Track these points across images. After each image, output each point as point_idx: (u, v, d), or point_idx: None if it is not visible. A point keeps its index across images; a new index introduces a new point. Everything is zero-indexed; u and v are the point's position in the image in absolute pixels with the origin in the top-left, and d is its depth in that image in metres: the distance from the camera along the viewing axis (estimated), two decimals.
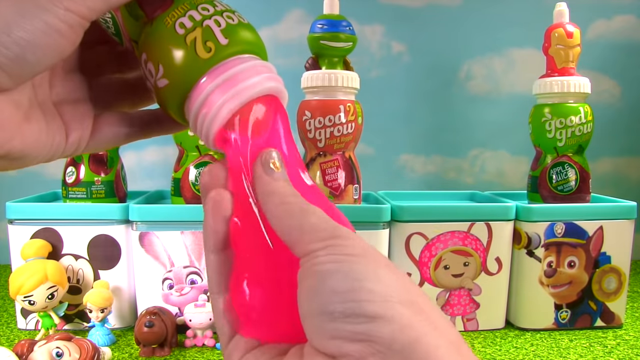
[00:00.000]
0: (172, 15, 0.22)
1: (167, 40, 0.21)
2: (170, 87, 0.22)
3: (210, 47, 0.21)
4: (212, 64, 0.21)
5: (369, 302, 0.17)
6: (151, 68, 0.22)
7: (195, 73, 0.21)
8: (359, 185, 0.63)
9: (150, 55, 0.22)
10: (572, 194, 0.64)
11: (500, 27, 0.90)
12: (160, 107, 0.24)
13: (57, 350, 0.46)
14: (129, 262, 0.61)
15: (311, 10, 0.86)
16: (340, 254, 0.18)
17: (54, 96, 0.23)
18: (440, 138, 0.92)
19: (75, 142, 0.23)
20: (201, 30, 0.21)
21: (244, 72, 0.21)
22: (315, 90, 0.61)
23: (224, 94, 0.21)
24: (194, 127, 0.22)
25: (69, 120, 0.23)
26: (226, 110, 0.21)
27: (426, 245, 0.61)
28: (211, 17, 0.22)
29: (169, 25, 0.22)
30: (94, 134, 0.24)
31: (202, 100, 0.21)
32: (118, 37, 0.25)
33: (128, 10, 0.23)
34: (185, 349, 0.57)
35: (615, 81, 0.93)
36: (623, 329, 0.65)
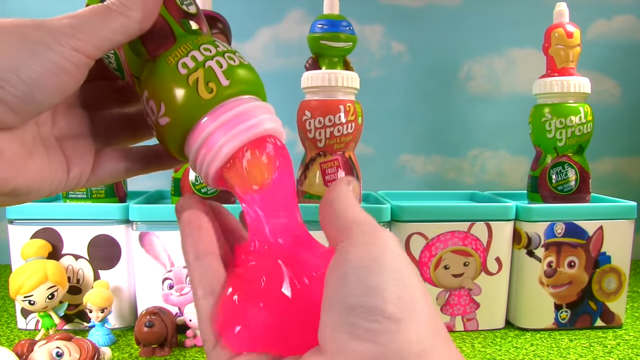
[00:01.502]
0: (174, 55, 0.22)
1: (170, 80, 0.22)
2: (172, 126, 0.22)
3: (212, 87, 0.22)
4: (213, 105, 0.22)
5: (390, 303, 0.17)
6: (153, 106, 0.22)
7: (197, 113, 0.22)
8: (359, 185, 0.63)
9: (152, 93, 0.22)
10: (572, 194, 0.64)
11: (500, 27, 0.90)
12: (160, 144, 0.24)
13: (57, 350, 0.46)
14: (129, 262, 0.61)
15: (311, 10, 0.86)
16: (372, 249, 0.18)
17: (56, 131, 0.23)
18: (440, 138, 0.92)
19: (77, 177, 0.23)
20: (203, 71, 0.22)
21: (244, 114, 0.22)
22: (315, 90, 0.61)
23: (224, 134, 0.22)
24: (194, 166, 0.23)
25: (70, 155, 0.23)
26: (226, 150, 0.22)
27: (426, 245, 0.61)
28: (213, 57, 0.22)
29: (171, 65, 0.22)
30: (95, 169, 0.24)
31: (202, 140, 0.22)
32: (119, 72, 0.25)
33: (130, 47, 0.24)
34: (185, 349, 0.57)
35: (615, 81, 0.93)
36: (623, 329, 0.65)
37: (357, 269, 0.18)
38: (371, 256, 0.18)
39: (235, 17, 0.64)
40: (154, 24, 0.22)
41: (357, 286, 0.17)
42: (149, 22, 0.22)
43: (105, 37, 0.20)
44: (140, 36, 0.22)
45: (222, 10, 0.62)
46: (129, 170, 0.25)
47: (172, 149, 0.23)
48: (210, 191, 0.61)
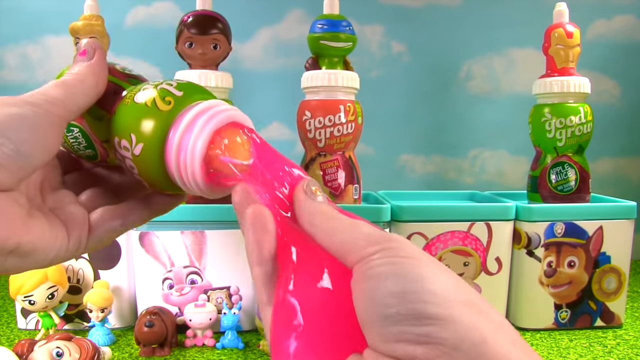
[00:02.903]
0: (128, 97, 0.25)
1: (131, 112, 0.24)
2: (146, 148, 0.23)
3: (169, 100, 0.24)
4: (175, 114, 0.24)
5: (431, 304, 0.17)
6: (125, 144, 0.24)
7: (163, 126, 0.23)
8: (359, 185, 0.64)
9: (121, 133, 0.24)
10: (572, 194, 0.64)
11: (500, 27, 0.90)
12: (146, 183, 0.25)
13: (57, 350, 0.46)
14: (129, 262, 0.61)
15: (311, 10, 0.86)
16: (395, 256, 0.18)
17: (48, 204, 0.25)
18: (440, 138, 0.92)
19: (77, 241, 0.25)
20: (157, 92, 0.24)
21: (205, 111, 0.23)
22: (315, 90, 0.61)
23: (191, 132, 0.23)
24: (180, 176, 0.24)
25: (66, 221, 0.25)
26: (199, 145, 0.23)
27: (426, 245, 0.61)
28: (162, 83, 0.25)
29: (129, 103, 0.24)
30: (92, 231, 0.26)
31: (176, 148, 0.23)
32: (91, 149, 0.27)
33: (92, 116, 0.26)
34: (185, 349, 0.57)
35: (615, 81, 0.92)
36: (623, 328, 0.65)
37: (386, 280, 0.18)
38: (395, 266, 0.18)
39: (235, 17, 0.64)
40: (106, 89, 0.25)
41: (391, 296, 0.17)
42: (102, 85, 0.25)
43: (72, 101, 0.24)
44: (97, 103, 0.25)
45: (222, 10, 0.62)
46: (124, 225, 0.27)
47: (156, 177, 0.24)
48: None
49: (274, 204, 0.22)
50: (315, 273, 0.21)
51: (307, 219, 0.21)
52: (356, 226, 0.20)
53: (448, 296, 0.17)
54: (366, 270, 0.18)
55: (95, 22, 0.62)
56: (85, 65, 0.25)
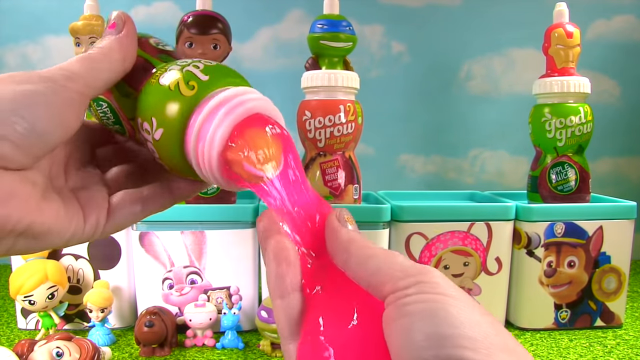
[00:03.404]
0: (154, 77, 0.23)
1: (155, 94, 0.23)
2: (166, 133, 0.22)
3: (193, 85, 0.22)
4: (198, 100, 0.22)
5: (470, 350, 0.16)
6: (147, 126, 0.23)
7: (184, 112, 0.22)
8: (359, 185, 0.64)
9: (143, 115, 0.23)
10: (572, 194, 0.64)
11: (500, 27, 0.90)
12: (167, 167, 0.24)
13: (57, 350, 0.46)
14: (129, 262, 0.61)
15: (311, 10, 0.86)
16: (433, 293, 0.17)
17: (70, 184, 0.24)
18: (440, 138, 0.92)
19: (94, 225, 0.24)
20: (182, 74, 0.23)
21: (229, 99, 0.22)
22: (315, 90, 0.61)
23: (212, 121, 0.22)
24: (198, 166, 0.23)
25: (84, 204, 0.24)
26: (220, 135, 0.21)
27: (426, 245, 0.61)
28: (190, 64, 0.23)
29: (153, 84, 0.23)
30: (110, 215, 0.25)
31: (195, 135, 0.22)
32: (119, 125, 0.26)
33: (120, 92, 0.25)
34: (185, 349, 0.57)
35: (615, 81, 0.93)
36: (623, 328, 0.65)
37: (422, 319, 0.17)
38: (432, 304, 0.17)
39: (235, 17, 0.64)
40: (135, 65, 0.24)
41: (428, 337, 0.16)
42: (130, 61, 0.24)
43: (95, 77, 0.22)
44: (125, 80, 0.24)
45: (222, 10, 0.62)
46: (144, 211, 0.26)
47: (176, 162, 0.23)
48: (210, 191, 0.61)
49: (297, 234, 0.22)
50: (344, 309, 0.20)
51: (341, 246, 0.21)
52: (391, 256, 0.19)
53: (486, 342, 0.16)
54: (401, 306, 0.17)
55: (95, 22, 0.62)
56: (113, 39, 0.23)
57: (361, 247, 0.20)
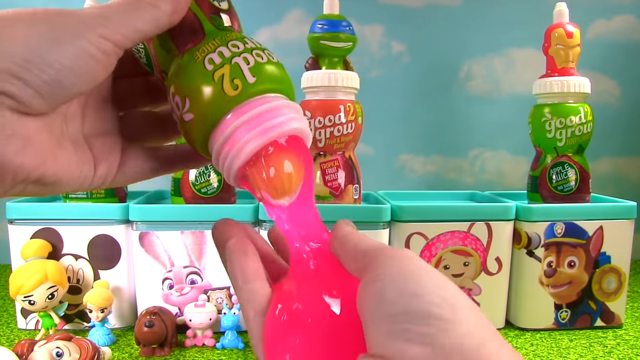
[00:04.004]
0: (202, 51, 0.22)
1: (195, 75, 0.21)
2: (195, 122, 0.22)
3: (237, 84, 0.21)
4: (238, 102, 0.21)
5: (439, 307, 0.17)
6: (178, 101, 0.22)
7: (221, 109, 0.21)
8: (359, 185, 0.63)
9: (178, 88, 0.22)
10: (572, 194, 0.64)
11: (500, 27, 0.90)
12: (185, 140, 0.24)
13: (57, 350, 0.46)
14: (129, 262, 0.61)
15: (311, 10, 0.86)
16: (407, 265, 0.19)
17: (86, 129, 0.23)
18: (440, 138, 0.92)
19: (103, 175, 0.23)
20: (229, 67, 0.21)
21: (268, 112, 0.21)
22: (315, 90, 0.61)
23: (247, 132, 0.21)
24: (216, 163, 0.22)
25: (97, 154, 0.23)
26: (249, 148, 0.21)
27: (426, 245, 0.61)
28: (240, 54, 0.22)
29: (198, 60, 0.22)
30: (121, 168, 0.24)
31: (225, 137, 0.21)
32: (149, 67, 0.25)
33: (160, 42, 0.23)
34: (185, 349, 0.57)
35: (615, 81, 0.93)
36: (623, 329, 0.65)
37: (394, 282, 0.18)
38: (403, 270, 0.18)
39: None
40: (183, 19, 0.22)
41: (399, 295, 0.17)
42: (179, 15, 0.21)
43: (134, 28, 0.20)
44: (169, 31, 0.22)
45: None
46: (155, 170, 0.25)
47: (196, 145, 0.23)
48: (210, 191, 0.61)
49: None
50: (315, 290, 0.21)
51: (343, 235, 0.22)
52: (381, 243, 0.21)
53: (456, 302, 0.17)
54: (377, 275, 0.19)
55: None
56: None
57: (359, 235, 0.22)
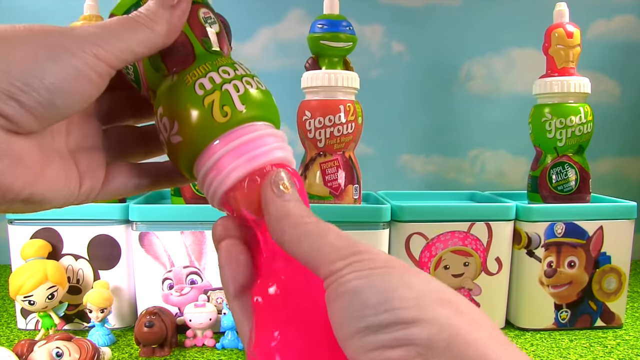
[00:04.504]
0: (192, 74, 0.22)
1: (185, 99, 0.22)
2: (183, 145, 0.22)
3: (226, 111, 0.22)
4: (227, 129, 0.22)
5: (404, 309, 0.17)
6: (166, 123, 0.22)
7: (209, 135, 0.22)
8: (359, 185, 0.63)
9: (167, 110, 0.22)
10: (572, 194, 0.64)
11: (500, 27, 0.90)
12: (170, 161, 0.24)
13: (57, 350, 0.46)
14: (129, 262, 0.61)
15: (311, 10, 0.86)
16: (365, 269, 0.18)
17: (70, 143, 0.23)
18: (440, 138, 0.92)
19: (87, 191, 0.23)
20: (220, 93, 0.22)
21: (256, 141, 0.22)
22: (315, 90, 0.61)
23: (234, 160, 0.21)
24: (201, 186, 0.23)
25: (83, 169, 0.23)
26: (234, 176, 0.22)
27: (426, 245, 0.61)
28: (230, 81, 0.22)
29: (188, 84, 0.22)
30: (105, 184, 0.24)
31: (212, 163, 0.22)
32: (137, 84, 0.25)
33: (150, 61, 0.24)
34: (185, 349, 0.57)
35: (615, 81, 0.92)
36: (623, 329, 0.65)
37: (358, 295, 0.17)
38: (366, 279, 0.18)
39: (235, 17, 0.63)
40: (175, 40, 0.22)
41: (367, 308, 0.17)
42: (173, 37, 0.22)
43: (128, 48, 0.20)
44: (160, 52, 0.22)
45: (222, 10, 0.62)
46: (139, 186, 0.26)
47: (182, 168, 0.23)
48: None
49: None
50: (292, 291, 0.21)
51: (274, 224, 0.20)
52: (324, 233, 0.19)
53: (420, 298, 0.17)
54: (337, 287, 0.18)
55: (95, 22, 0.62)
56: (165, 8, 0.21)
57: (294, 224, 0.20)
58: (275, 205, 0.20)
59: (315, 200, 0.61)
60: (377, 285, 0.17)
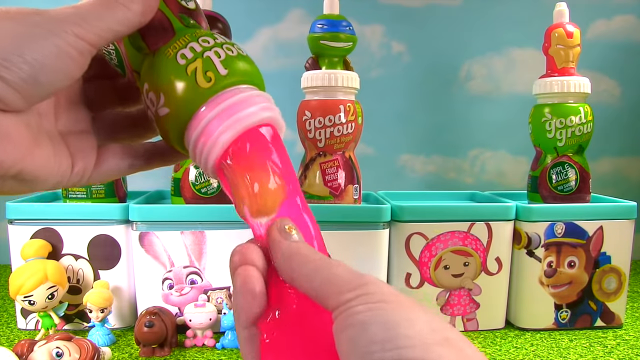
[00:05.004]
0: (173, 47, 0.22)
1: (169, 70, 0.22)
2: (171, 116, 0.22)
3: (210, 77, 0.22)
4: (212, 94, 0.22)
5: (409, 348, 0.17)
6: (152, 97, 0.23)
7: (195, 102, 0.22)
8: (359, 185, 0.63)
9: (152, 84, 0.23)
10: (572, 194, 0.64)
11: (500, 27, 0.90)
12: (161, 137, 0.24)
13: (57, 350, 0.46)
14: (129, 262, 0.61)
15: (311, 10, 0.86)
16: (373, 302, 0.18)
17: (60, 126, 0.24)
18: (440, 138, 0.92)
19: (80, 173, 0.24)
20: (202, 60, 0.22)
21: (242, 102, 0.22)
22: (315, 90, 0.61)
23: (221, 123, 0.22)
24: (193, 156, 0.23)
25: (74, 151, 0.24)
26: (224, 139, 0.22)
27: (426, 245, 0.61)
28: (211, 48, 0.22)
29: (170, 56, 0.22)
30: (98, 165, 0.24)
31: (201, 129, 0.22)
32: (120, 69, 0.26)
33: (131, 42, 0.24)
34: (185, 349, 0.57)
35: (615, 81, 0.93)
36: (623, 329, 0.65)
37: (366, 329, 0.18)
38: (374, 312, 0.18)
39: (235, 17, 0.64)
40: (153, 19, 0.23)
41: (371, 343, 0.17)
42: (149, 15, 0.22)
43: (107, 27, 0.21)
44: (140, 31, 0.23)
45: (222, 10, 0.62)
46: (132, 167, 0.26)
47: (173, 140, 0.24)
48: (210, 191, 0.61)
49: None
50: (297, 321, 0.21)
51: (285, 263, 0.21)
52: (333, 268, 0.20)
53: (424, 339, 0.17)
54: (346, 318, 0.18)
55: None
56: None
57: (304, 262, 0.20)
58: (282, 246, 0.21)
59: (315, 200, 0.61)
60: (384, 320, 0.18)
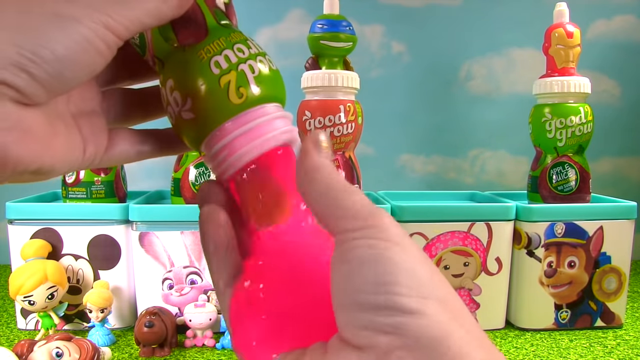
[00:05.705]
0: (207, 50, 0.22)
1: (201, 77, 0.22)
2: (195, 122, 0.22)
3: (242, 93, 0.22)
4: (241, 110, 0.22)
5: (405, 297, 0.17)
6: (177, 97, 0.22)
7: (224, 116, 0.22)
8: (359, 185, 0.63)
9: (179, 85, 0.22)
10: (572, 194, 0.64)
11: (500, 27, 0.90)
12: (174, 132, 0.24)
13: (57, 350, 0.46)
14: (129, 262, 0.61)
15: (311, 10, 0.86)
16: (376, 239, 0.17)
17: (72, 107, 0.23)
18: (440, 138, 0.92)
19: (91, 157, 0.23)
20: (236, 74, 0.22)
21: (267, 124, 0.22)
22: (315, 90, 0.61)
23: (247, 142, 0.22)
24: (209, 161, 0.23)
25: (86, 134, 0.23)
26: (246, 158, 0.22)
27: (426, 245, 0.61)
28: (246, 61, 0.22)
29: (203, 61, 0.22)
30: (108, 149, 0.24)
31: (225, 143, 0.22)
32: (140, 49, 0.25)
33: (159, 30, 0.23)
34: (185, 349, 0.57)
35: (615, 81, 0.93)
36: (623, 329, 0.65)
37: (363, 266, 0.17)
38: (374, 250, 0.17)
39: None
40: (187, 11, 0.22)
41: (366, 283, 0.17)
42: (184, 7, 0.21)
43: (137, 19, 0.20)
44: (171, 21, 0.22)
45: None
46: (141, 153, 0.25)
47: (188, 141, 0.23)
48: None
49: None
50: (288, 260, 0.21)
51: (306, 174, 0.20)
52: (349, 192, 0.19)
53: (423, 291, 0.17)
54: (346, 250, 0.18)
55: None
56: None
57: (326, 176, 0.19)
58: (311, 156, 0.20)
59: None
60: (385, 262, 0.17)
